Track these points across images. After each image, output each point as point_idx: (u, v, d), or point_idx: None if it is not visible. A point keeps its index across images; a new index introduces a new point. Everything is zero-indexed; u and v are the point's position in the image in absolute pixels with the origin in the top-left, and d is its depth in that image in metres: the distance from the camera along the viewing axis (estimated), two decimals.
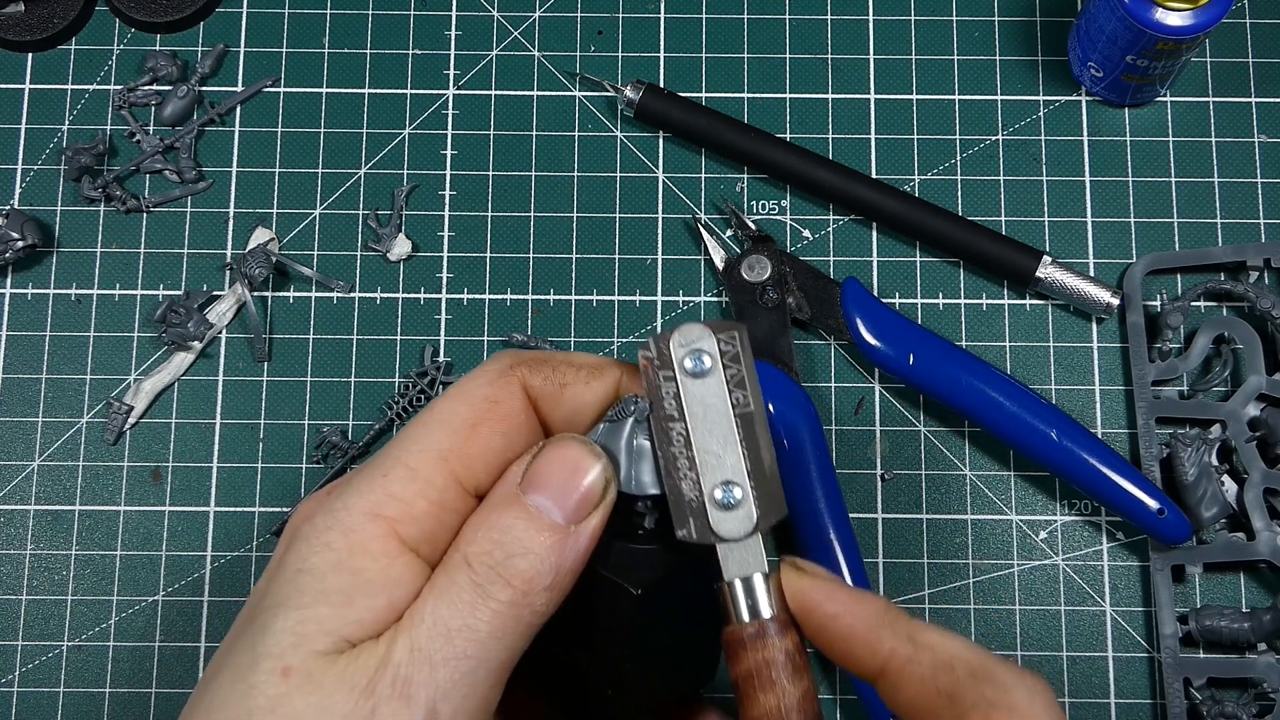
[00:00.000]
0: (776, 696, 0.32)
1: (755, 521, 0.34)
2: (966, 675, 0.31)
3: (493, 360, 0.35)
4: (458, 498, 0.33)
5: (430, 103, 0.61)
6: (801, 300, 0.57)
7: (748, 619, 0.33)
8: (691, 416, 0.34)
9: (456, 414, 0.34)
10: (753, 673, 0.33)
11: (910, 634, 0.32)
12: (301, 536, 0.32)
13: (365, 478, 0.33)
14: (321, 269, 0.59)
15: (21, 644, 0.56)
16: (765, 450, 0.34)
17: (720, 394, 0.34)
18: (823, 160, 0.59)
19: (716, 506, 0.34)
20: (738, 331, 0.35)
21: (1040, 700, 0.31)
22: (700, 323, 0.35)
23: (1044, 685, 0.31)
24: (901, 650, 0.32)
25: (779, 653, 0.33)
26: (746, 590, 0.34)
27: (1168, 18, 0.53)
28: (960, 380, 0.55)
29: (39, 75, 0.62)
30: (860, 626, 0.33)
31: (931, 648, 0.32)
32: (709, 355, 0.34)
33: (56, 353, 0.59)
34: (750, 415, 0.34)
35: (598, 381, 0.36)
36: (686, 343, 0.35)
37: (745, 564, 0.34)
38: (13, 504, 0.57)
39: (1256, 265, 0.58)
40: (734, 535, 0.34)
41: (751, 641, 0.33)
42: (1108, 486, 0.53)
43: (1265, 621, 0.53)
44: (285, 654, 0.30)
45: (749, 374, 0.35)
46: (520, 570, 0.32)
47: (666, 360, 0.34)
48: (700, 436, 0.34)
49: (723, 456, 0.34)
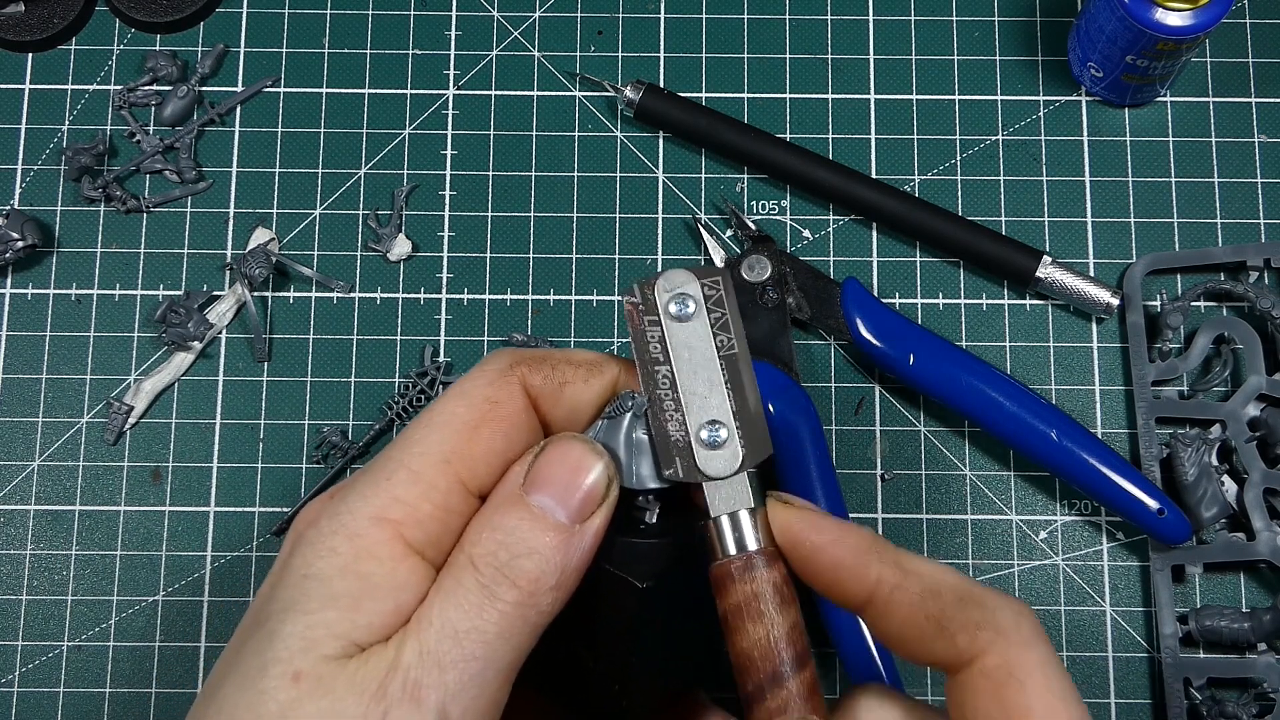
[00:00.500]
0: (765, 628, 0.33)
1: (741, 459, 0.34)
2: (954, 600, 0.32)
3: (491, 359, 0.35)
4: (461, 499, 0.33)
5: (430, 103, 0.61)
6: (801, 300, 0.57)
7: (734, 552, 0.34)
8: (676, 359, 0.35)
9: (458, 415, 0.34)
10: (741, 605, 0.33)
11: (897, 561, 0.33)
12: (306, 541, 0.32)
13: (368, 481, 0.33)
14: (321, 269, 0.60)
15: (21, 644, 0.56)
16: (750, 390, 0.35)
17: (705, 336, 0.35)
18: (823, 160, 0.59)
19: (703, 445, 0.34)
20: (721, 276, 0.35)
21: (1026, 621, 0.31)
22: (684, 268, 0.35)
23: (1029, 610, 0.32)
24: (889, 577, 0.32)
25: (766, 584, 0.33)
26: (733, 525, 0.34)
27: (1168, 18, 0.53)
28: (960, 380, 0.55)
29: (39, 75, 0.62)
30: (848, 555, 0.33)
31: (919, 574, 0.32)
32: (693, 299, 0.35)
33: (56, 353, 0.59)
34: (734, 357, 0.35)
35: (596, 379, 0.36)
36: (671, 287, 0.35)
37: (731, 500, 0.34)
38: (13, 504, 0.57)
39: (1256, 265, 0.58)
40: (720, 473, 0.34)
41: (739, 575, 0.33)
42: (1108, 486, 0.53)
43: (1265, 621, 0.53)
44: (295, 659, 0.30)
45: (733, 317, 0.35)
46: (526, 571, 0.32)
47: (651, 305, 0.35)
48: (685, 378, 0.35)
49: (708, 397, 0.35)
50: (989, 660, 0.31)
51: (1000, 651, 0.31)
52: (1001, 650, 0.31)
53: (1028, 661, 0.31)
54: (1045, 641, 0.31)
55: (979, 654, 0.31)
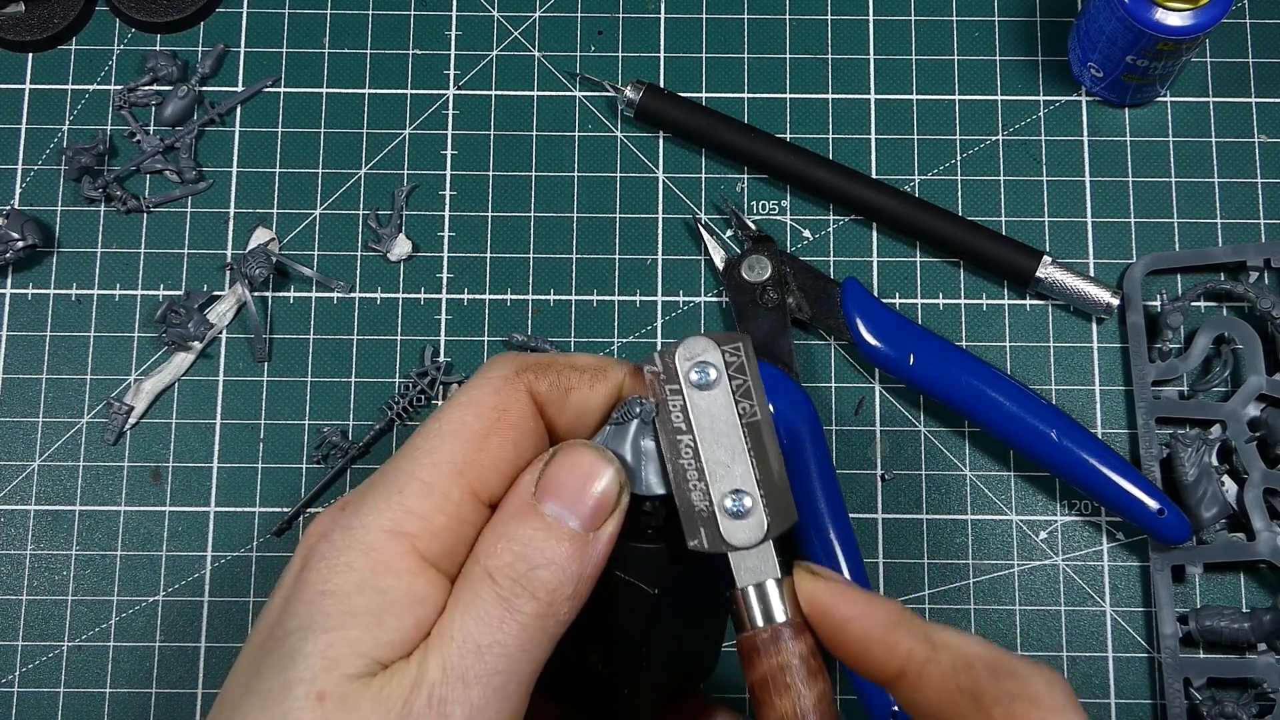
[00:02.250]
0: (792, 700, 0.33)
1: (766, 528, 0.34)
2: (987, 672, 0.31)
3: (496, 366, 0.35)
4: (473, 510, 0.33)
5: (430, 103, 0.61)
6: (801, 300, 0.57)
7: (761, 624, 0.33)
8: (699, 428, 0.34)
9: (466, 425, 0.34)
10: (768, 677, 0.33)
11: (927, 635, 0.32)
12: (320, 555, 0.32)
13: (381, 494, 0.33)
14: (321, 269, 0.60)
15: (21, 644, 0.56)
16: (773, 458, 0.35)
17: (727, 404, 0.35)
18: (823, 160, 0.59)
19: (727, 515, 0.34)
20: (742, 342, 0.35)
21: (1059, 690, 0.31)
22: (704, 335, 0.35)
23: (1060, 678, 0.32)
24: (920, 651, 0.32)
25: (794, 656, 0.33)
26: (760, 596, 0.34)
27: (1168, 18, 0.53)
28: (960, 380, 0.55)
29: (39, 75, 0.62)
30: (876, 629, 0.33)
31: (950, 647, 0.32)
32: (714, 367, 0.35)
33: (56, 353, 0.59)
34: (758, 424, 0.35)
35: (601, 384, 0.36)
36: (691, 356, 0.35)
37: (758, 571, 0.34)
38: (13, 504, 0.57)
39: (1256, 265, 0.58)
40: (746, 543, 0.34)
41: (766, 647, 0.33)
42: (1108, 486, 0.53)
43: (1265, 621, 0.53)
44: (318, 678, 0.30)
45: (754, 383, 0.35)
46: (544, 581, 0.32)
47: (672, 374, 0.35)
48: (708, 447, 0.34)
49: (731, 466, 0.34)
50: None
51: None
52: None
53: None
54: (1078, 709, 0.31)
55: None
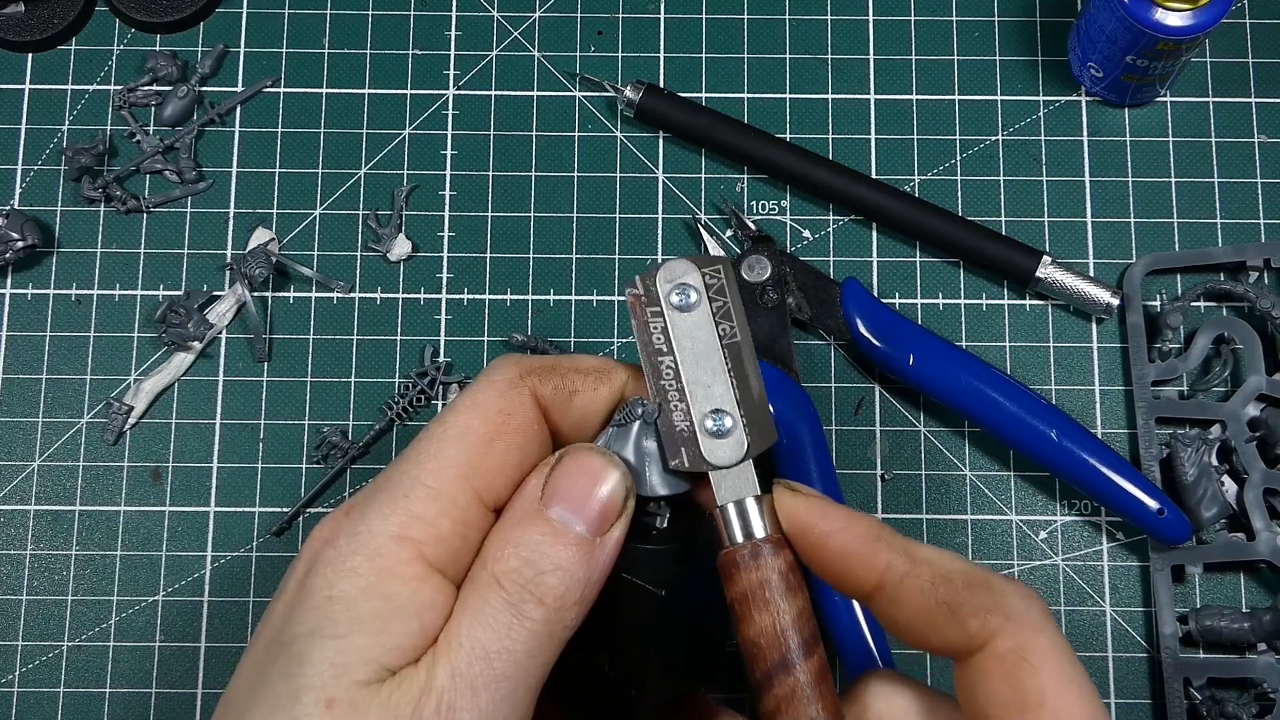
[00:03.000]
0: (771, 615, 0.33)
1: (746, 447, 0.34)
2: (963, 585, 0.32)
3: (499, 369, 0.35)
4: (479, 515, 0.33)
5: (430, 103, 0.61)
6: (801, 300, 0.57)
7: (741, 540, 0.34)
8: (680, 349, 0.35)
9: (471, 429, 0.34)
10: (748, 593, 0.33)
11: (905, 549, 0.33)
12: (325, 561, 0.32)
13: (386, 499, 0.33)
14: (321, 269, 0.60)
15: (21, 644, 0.56)
16: (754, 379, 0.35)
17: (707, 326, 0.35)
18: (823, 160, 0.59)
19: (708, 435, 0.34)
20: (722, 265, 0.35)
21: (1035, 606, 0.31)
22: (685, 257, 0.36)
23: (1036, 595, 0.32)
24: (898, 565, 0.32)
25: (773, 572, 0.33)
26: (739, 513, 0.34)
27: (1168, 18, 0.53)
28: (960, 380, 0.55)
29: (39, 75, 0.62)
30: (856, 543, 0.33)
31: (928, 561, 0.32)
32: (694, 289, 0.35)
33: (56, 353, 0.59)
34: (738, 345, 0.35)
35: (604, 386, 0.36)
36: (672, 278, 0.35)
37: (738, 488, 0.34)
38: (13, 504, 0.57)
39: (1256, 265, 0.58)
40: (726, 461, 0.34)
41: (745, 562, 0.33)
42: (1108, 486, 0.53)
43: (1265, 621, 0.53)
44: (327, 685, 0.30)
45: (735, 305, 0.35)
46: (551, 587, 0.32)
47: (653, 296, 0.35)
48: (689, 368, 0.35)
49: (712, 386, 0.35)
50: (1000, 644, 0.31)
51: (1012, 635, 0.31)
52: (1013, 634, 0.31)
53: (1039, 644, 0.31)
54: (1054, 625, 0.31)
55: (990, 638, 0.31)
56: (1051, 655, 0.31)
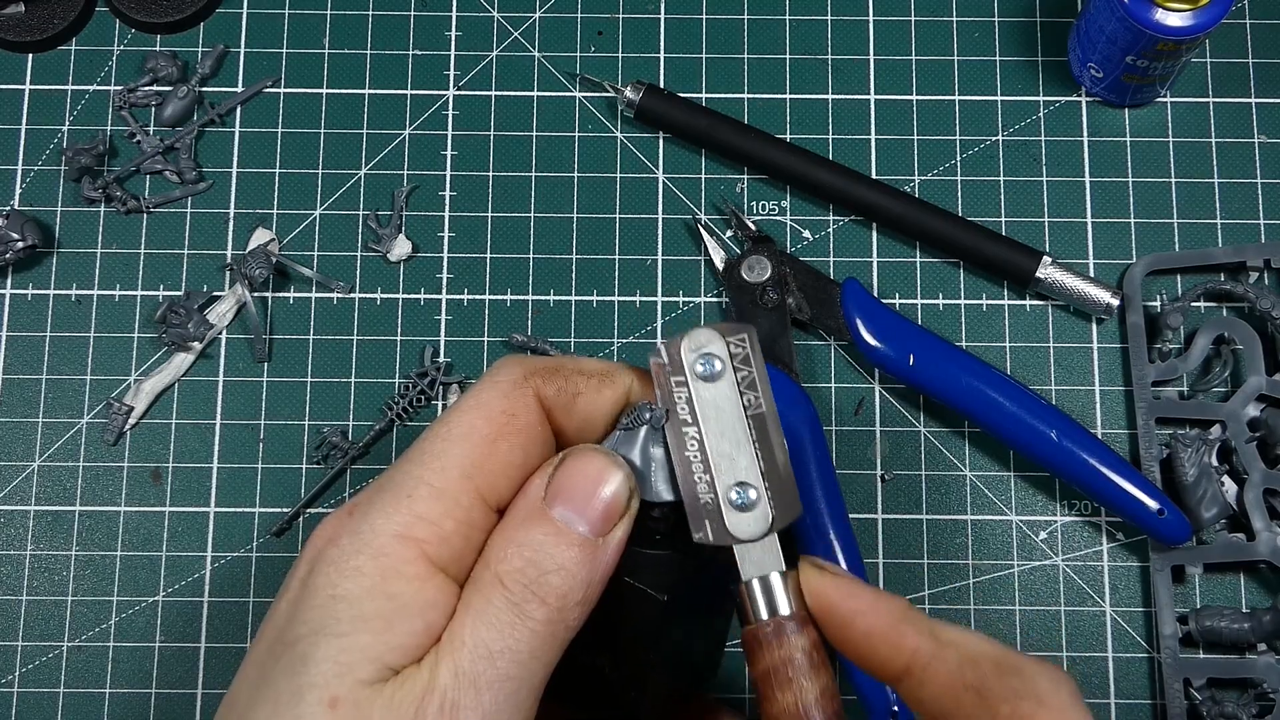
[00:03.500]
0: (795, 694, 0.32)
1: (771, 521, 0.34)
2: (992, 669, 0.31)
3: (503, 370, 0.35)
4: (482, 515, 0.33)
5: (430, 103, 0.61)
6: (801, 301, 0.57)
7: (766, 617, 0.33)
8: (704, 420, 0.34)
9: (475, 429, 0.33)
10: (771, 671, 0.33)
11: (932, 631, 0.32)
12: (328, 560, 0.32)
13: (390, 498, 0.33)
14: (321, 269, 0.60)
15: (21, 644, 0.56)
16: (778, 450, 0.35)
17: (732, 396, 0.34)
18: (823, 160, 0.59)
19: (732, 508, 0.34)
20: (747, 334, 0.35)
21: (1065, 688, 0.31)
22: (710, 326, 0.35)
23: (1066, 676, 0.32)
24: (925, 648, 0.32)
25: (797, 650, 0.33)
26: (764, 589, 0.34)
27: (1168, 18, 0.53)
28: (960, 380, 0.55)
29: (39, 75, 0.62)
30: (882, 625, 0.32)
31: (955, 644, 0.32)
32: (719, 359, 0.35)
33: (56, 353, 0.59)
34: (763, 416, 0.35)
35: (609, 388, 0.36)
36: (697, 347, 0.35)
37: (762, 563, 0.34)
38: (13, 504, 0.57)
39: (1256, 265, 0.58)
40: (750, 535, 0.34)
41: (769, 640, 0.33)
42: (1108, 487, 0.53)
43: (1265, 622, 0.53)
44: (330, 684, 0.30)
45: (760, 375, 0.35)
46: (554, 587, 0.32)
47: (678, 365, 0.35)
48: (713, 439, 0.34)
49: (736, 458, 0.34)
50: None
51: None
52: (1044, 719, 0.31)
53: None
54: (1083, 707, 0.31)
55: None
56: None
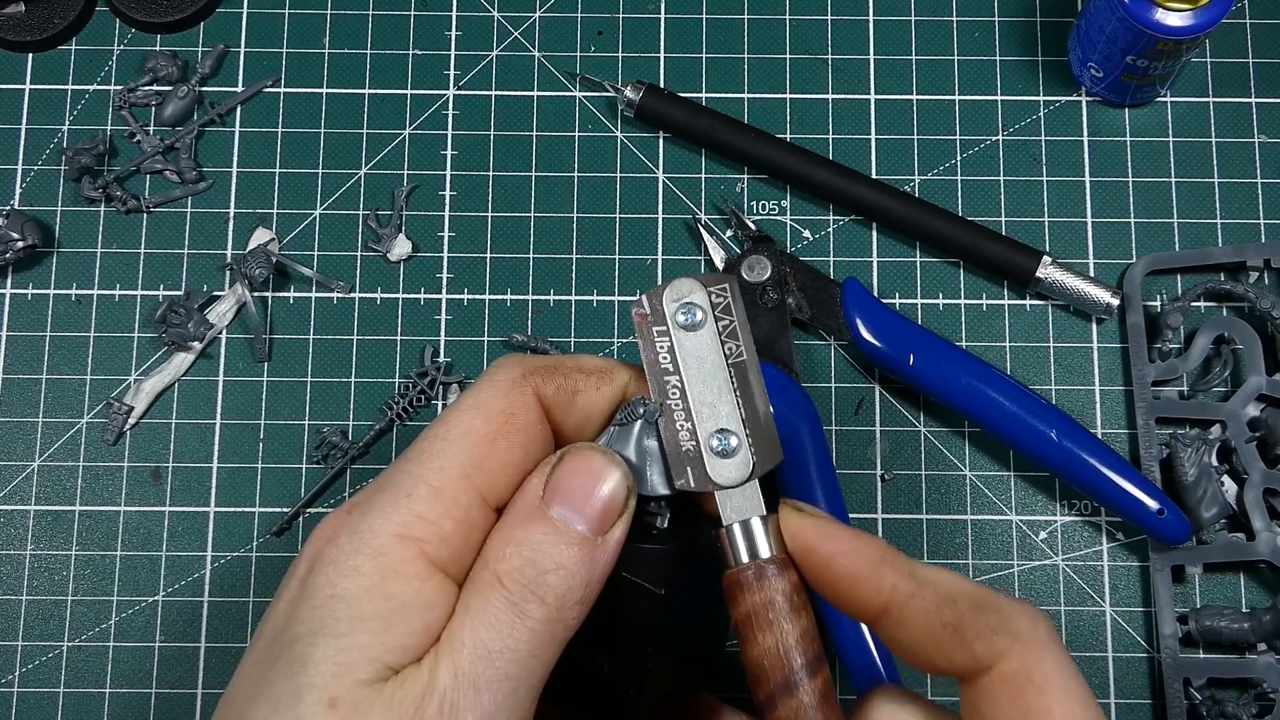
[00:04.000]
0: (775, 636, 0.33)
1: (752, 467, 0.34)
2: (969, 606, 0.32)
3: (502, 369, 0.35)
4: (481, 514, 0.33)
5: (430, 103, 0.61)
6: (801, 300, 0.57)
7: (746, 560, 0.34)
8: (685, 368, 0.35)
9: (474, 429, 0.33)
10: (752, 614, 0.33)
11: (911, 571, 0.33)
12: (327, 560, 0.32)
13: (389, 498, 0.33)
14: (321, 269, 0.60)
15: (21, 644, 0.56)
16: (759, 398, 0.35)
17: (713, 345, 0.35)
18: (823, 160, 0.59)
19: (713, 454, 0.34)
20: (728, 283, 0.35)
21: (1041, 626, 0.31)
22: (691, 276, 0.35)
23: (1043, 615, 0.32)
24: (904, 587, 0.32)
25: (777, 593, 0.33)
26: (745, 533, 0.34)
27: (1168, 18, 0.53)
28: (960, 380, 0.55)
29: (39, 75, 0.62)
30: (862, 565, 0.33)
31: (934, 583, 0.32)
32: (700, 308, 0.35)
33: (56, 353, 0.59)
34: (744, 364, 0.35)
35: (607, 386, 0.36)
36: (678, 297, 0.35)
37: (743, 508, 0.34)
38: (13, 504, 0.57)
39: (1256, 265, 0.58)
40: (731, 481, 0.34)
41: (750, 583, 0.33)
42: (1108, 487, 0.53)
43: (1265, 621, 0.53)
44: (329, 684, 0.30)
45: (741, 324, 0.35)
46: (553, 586, 0.32)
47: (659, 315, 0.35)
48: (695, 387, 0.35)
49: (717, 406, 0.35)
50: (1007, 665, 0.31)
51: (1018, 656, 0.31)
52: (1019, 655, 0.31)
53: (1046, 665, 0.31)
54: (1060, 646, 0.31)
55: (997, 659, 0.31)
56: (1058, 676, 0.31)
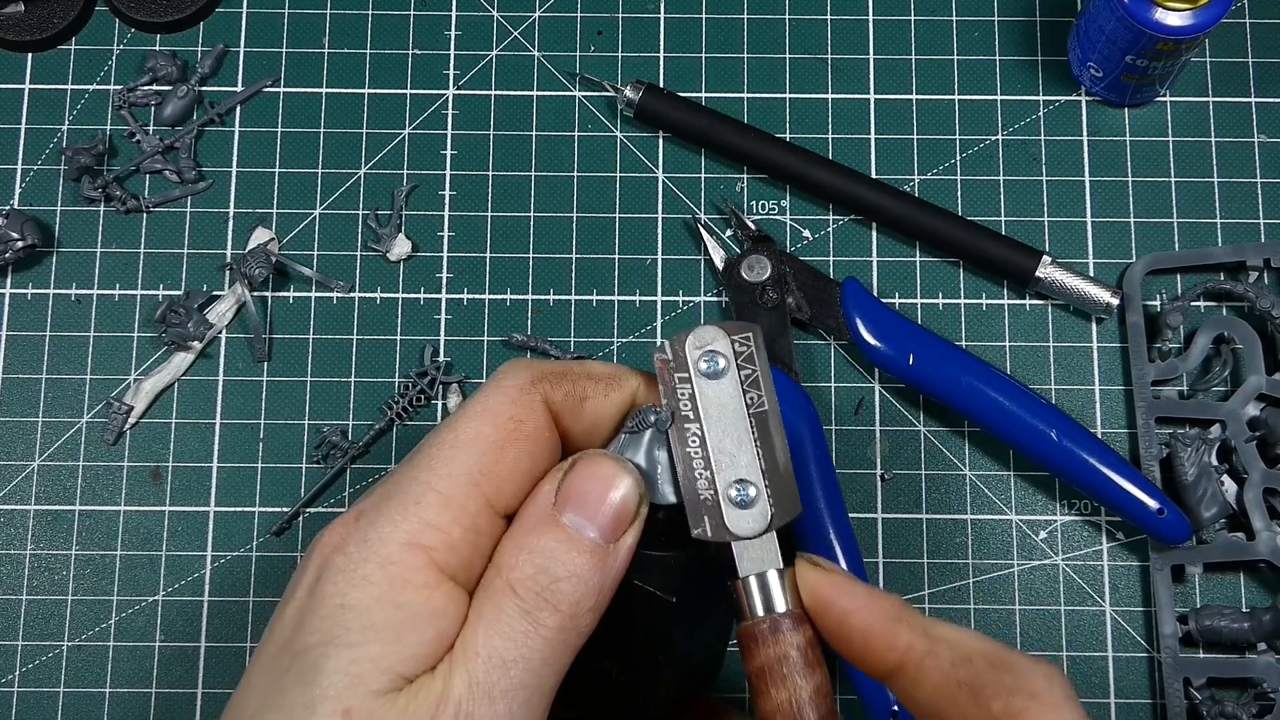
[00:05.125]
0: (789, 691, 0.32)
1: (770, 519, 0.34)
2: (985, 666, 0.31)
3: (510, 375, 0.35)
4: (489, 521, 0.33)
5: (430, 103, 0.61)
6: (801, 300, 0.57)
7: (761, 614, 0.33)
8: (706, 417, 0.35)
9: (483, 435, 0.33)
10: (766, 668, 0.33)
11: (926, 629, 0.32)
12: (336, 568, 0.32)
13: (397, 505, 0.32)
14: (321, 269, 0.60)
15: (21, 644, 0.56)
16: (780, 449, 0.35)
17: (735, 394, 0.35)
18: (823, 160, 0.59)
19: (731, 505, 0.34)
20: (752, 332, 0.35)
21: (1058, 685, 0.31)
22: (714, 324, 0.35)
23: (1059, 672, 0.32)
24: (919, 645, 0.32)
25: (792, 648, 0.33)
26: (761, 586, 0.34)
27: (1167, 18, 0.53)
28: (960, 380, 0.55)
29: (39, 75, 0.62)
30: (877, 622, 0.33)
31: (949, 641, 0.32)
32: (723, 356, 0.35)
33: (56, 353, 0.59)
34: (765, 414, 0.35)
35: (616, 392, 0.36)
36: (701, 345, 0.35)
37: (760, 561, 0.34)
38: (13, 504, 0.57)
39: (1256, 265, 0.58)
40: (749, 533, 0.34)
41: (765, 637, 0.33)
42: (1107, 486, 0.53)
43: (1265, 621, 0.53)
44: (343, 695, 0.30)
45: (763, 373, 0.35)
46: (566, 594, 0.32)
47: (682, 362, 0.35)
48: (715, 436, 0.34)
49: (737, 456, 0.34)
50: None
51: (1035, 717, 0.31)
52: (1037, 715, 0.31)
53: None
54: (1077, 704, 0.31)
55: (1014, 719, 0.31)
56: None
